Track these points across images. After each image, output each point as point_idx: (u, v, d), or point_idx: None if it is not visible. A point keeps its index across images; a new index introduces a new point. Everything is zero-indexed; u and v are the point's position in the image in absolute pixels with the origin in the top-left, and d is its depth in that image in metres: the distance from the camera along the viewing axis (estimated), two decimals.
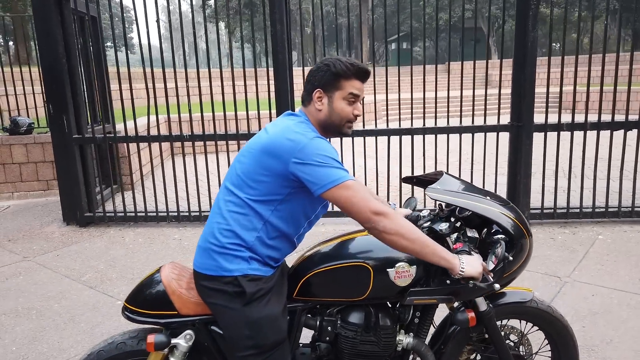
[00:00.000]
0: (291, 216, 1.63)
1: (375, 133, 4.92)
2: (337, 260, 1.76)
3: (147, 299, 1.70)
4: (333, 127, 1.68)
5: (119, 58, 5.42)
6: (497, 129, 4.70)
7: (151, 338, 1.63)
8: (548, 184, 4.86)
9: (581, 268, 3.76)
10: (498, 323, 2.03)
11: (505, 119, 4.76)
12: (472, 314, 1.77)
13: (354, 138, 4.88)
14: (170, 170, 5.30)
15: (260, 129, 4.74)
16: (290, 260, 1.85)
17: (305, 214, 1.66)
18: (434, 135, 4.84)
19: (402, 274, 1.71)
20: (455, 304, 1.93)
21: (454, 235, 1.80)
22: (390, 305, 1.85)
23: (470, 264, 1.58)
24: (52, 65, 4.86)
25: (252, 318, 1.58)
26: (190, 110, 5.02)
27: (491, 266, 1.66)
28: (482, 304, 1.86)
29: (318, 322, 1.79)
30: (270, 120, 1.86)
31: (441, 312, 1.98)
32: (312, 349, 1.84)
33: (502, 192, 4.96)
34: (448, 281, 1.71)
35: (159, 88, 5.11)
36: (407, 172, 5.15)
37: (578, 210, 4.71)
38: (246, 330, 1.58)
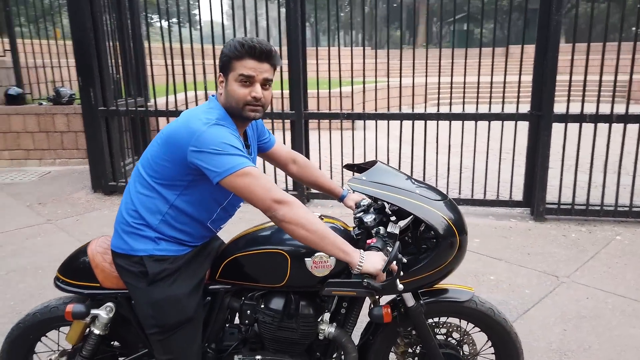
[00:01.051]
0: (199, 202, 1.65)
1: (384, 117, 4.80)
2: (258, 245, 1.77)
3: (74, 270, 1.80)
4: (235, 111, 1.65)
5: (183, 34, 5.56)
6: (516, 117, 4.46)
7: (70, 307, 1.72)
8: (567, 179, 4.58)
9: (585, 269, 3.55)
10: (438, 320, 1.99)
11: (526, 108, 4.52)
12: (387, 310, 1.73)
13: (377, 122, 4.79)
14: None
15: (291, 109, 4.79)
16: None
17: (215, 200, 1.67)
18: (449, 122, 4.66)
19: (320, 264, 1.69)
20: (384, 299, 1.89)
21: (382, 229, 1.75)
22: (314, 295, 1.85)
23: (369, 261, 1.54)
24: (80, 39, 5.10)
25: (154, 298, 1.63)
26: None
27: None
28: (409, 299, 1.81)
29: (239, 305, 1.82)
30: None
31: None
32: (238, 330, 1.88)
33: (519, 184, 4.74)
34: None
35: (201, 65, 5.16)
36: (419, 157, 5.05)
37: (599, 207, 4.41)
38: (149, 310, 1.63)
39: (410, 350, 2.02)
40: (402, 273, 1.59)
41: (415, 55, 4.47)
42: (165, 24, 5.04)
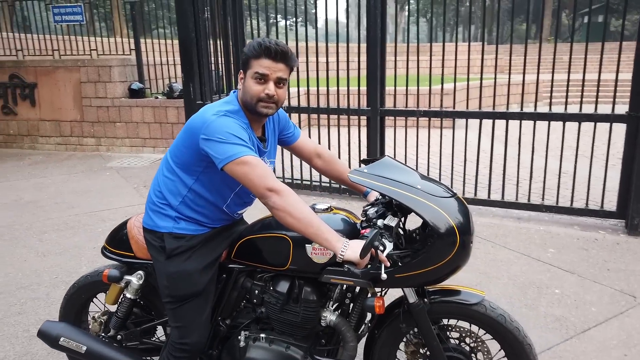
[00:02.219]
0: (214, 187, 1.80)
1: (462, 115, 4.63)
2: (268, 230, 1.89)
3: (116, 241, 2.07)
4: (249, 106, 1.77)
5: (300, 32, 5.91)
6: (611, 118, 4.04)
7: (106, 271, 1.99)
8: None
9: None
10: (448, 322, 1.95)
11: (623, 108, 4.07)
12: (380, 302, 1.74)
13: (467, 120, 4.65)
14: None
15: (367, 105, 4.83)
16: None
17: (228, 186, 1.81)
18: (544, 122, 4.36)
19: (319, 251, 1.76)
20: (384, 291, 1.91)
21: (380, 221, 1.76)
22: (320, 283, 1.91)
23: (352, 249, 1.57)
24: (184, 38, 5.63)
25: (169, 271, 1.82)
26: (328, 84, 5.16)
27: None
28: (410, 295, 1.81)
29: (250, 285, 1.96)
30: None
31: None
32: (252, 309, 2.02)
33: (613, 193, 4.29)
34: (369, 265, 1.70)
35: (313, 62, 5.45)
36: (498, 157, 4.78)
37: None
38: (164, 281, 1.83)
39: (421, 351, 2.00)
40: (389, 263, 1.61)
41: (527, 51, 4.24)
42: (266, 22, 5.36)
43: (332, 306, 1.90)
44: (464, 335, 1.96)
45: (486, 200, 4.69)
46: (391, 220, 1.73)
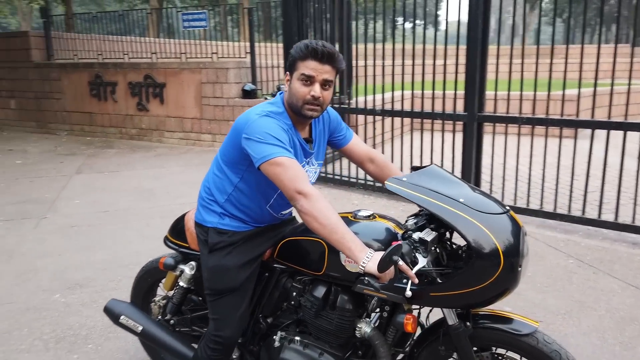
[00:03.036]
0: (257, 187, 1.83)
1: (571, 124, 4.16)
2: (307, 233, 1.87)
3: (176, 232, 2.21)
4: (295, 108, 1.76)
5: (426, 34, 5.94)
6: None
7: (163, 259, 2.14)
8: None
9: None
10: (495, 351, 1.77)
11: None
12: (410, 320, 1.64)
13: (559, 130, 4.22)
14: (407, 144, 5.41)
15: (464, 110, 4.61)
16: None
17: (269, 186, 1.82)
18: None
19: (353, 260, 1.71)
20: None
21: (417, 234, 1.65)
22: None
23: (374, 260, 1.49)
24: (288, 42, 5.85)
25: (210, 264, 1.89)
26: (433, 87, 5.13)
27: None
28: (449, 317, 1.68)
29: (289, 286, 1.96)
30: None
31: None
32: (295, 311, 2.02)
33: None
34: (404, 280, 1.61)
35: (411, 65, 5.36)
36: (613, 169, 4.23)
37: None
38: (205, 273, 1.91)
39: None
40: (416, 280, 1.51)
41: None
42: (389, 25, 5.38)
43: (371, 318, 1.84)
44: None
45: (596, 220, 4.17)
46: (428, 234, 1.62)
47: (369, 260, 1.51)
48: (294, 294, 1.94)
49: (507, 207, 1.67)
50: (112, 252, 4.02)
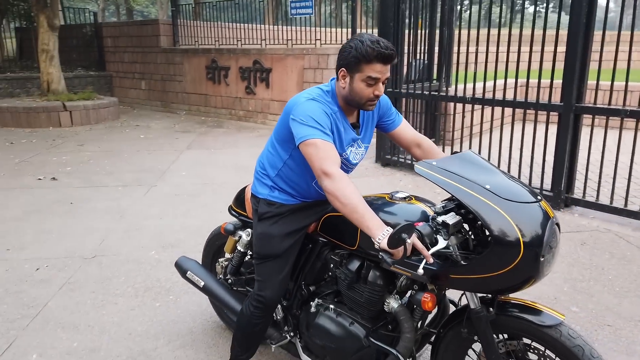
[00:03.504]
0: (303, 163, 1.95)
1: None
2: None
3: (238, 202, 2.45)
4: (354, 104, 1.87)
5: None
6: None
7: (224, 225, 2.39)
8: None
9: None
10: (521, 341, 1.76)
11: None
12: (428, 298, 1.69)
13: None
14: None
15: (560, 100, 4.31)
16: None
17: None
18: None
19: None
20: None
21: (442, 217, 1.68)
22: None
23: (413, 241, 1.55)
24: (383, 27, 5.88)
25: (258, 232, 2.09)
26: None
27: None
28: (471, 300, 1.71)
29: (329, 259, 2.10)
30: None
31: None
32: (336, 281, 2.16)
33: None
34: (420, 258, 1.66)
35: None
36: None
37: None
38: (254, 239, 2.12)
39: None
40: (431, 259, 1.56)
41: None
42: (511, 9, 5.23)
43: (404, 297, 1.92)
44: (526, 349, 1.76)
45: None
46: (451, 218, 1.65)
47: (384, 237, 1.58)
48: (332, 265, 2.08)
49: (539, 197, 1.64)
50: (203, 219, 4.46)
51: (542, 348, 1.72)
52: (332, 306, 2.07)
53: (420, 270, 1.57)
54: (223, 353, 2.53)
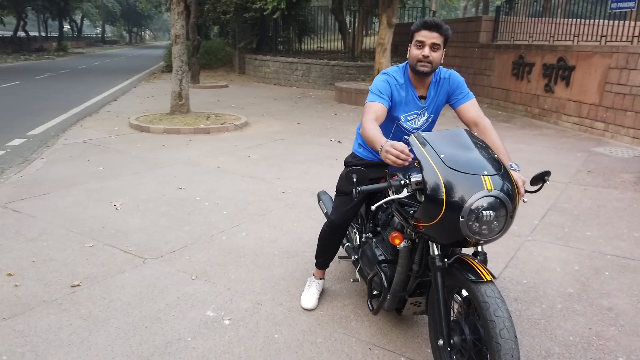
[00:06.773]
0: (381, 125, 2.44)
1: None
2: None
3: None
4: (412, 68, 2.39)
5: None
6: None
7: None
8: None
9: None
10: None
11: None
12: (394, 235, 2.16)
13: None
14: None
15: None
16: None
17: (390, 119, 2.48)
18: None
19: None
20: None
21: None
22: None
23: (390, 144, 1.95)
24: None
25: (342, 173, 2.84)
26: None
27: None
28: (431, 248, 2.09)
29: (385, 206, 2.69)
30: None
31: None
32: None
33: None
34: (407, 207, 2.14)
35: None
36: None
37: None
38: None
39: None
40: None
41: None
42: None
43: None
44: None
45: None
46: (415, 177, 2.00)
47: (381, 147, 2.03)
48: (381, 212, 2.69)
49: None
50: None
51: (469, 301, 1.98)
52: (374, 240, 2.69)
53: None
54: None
